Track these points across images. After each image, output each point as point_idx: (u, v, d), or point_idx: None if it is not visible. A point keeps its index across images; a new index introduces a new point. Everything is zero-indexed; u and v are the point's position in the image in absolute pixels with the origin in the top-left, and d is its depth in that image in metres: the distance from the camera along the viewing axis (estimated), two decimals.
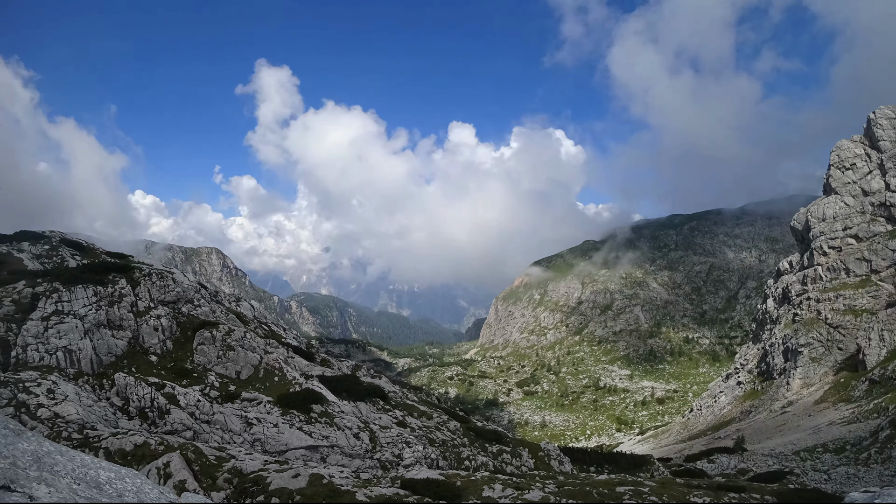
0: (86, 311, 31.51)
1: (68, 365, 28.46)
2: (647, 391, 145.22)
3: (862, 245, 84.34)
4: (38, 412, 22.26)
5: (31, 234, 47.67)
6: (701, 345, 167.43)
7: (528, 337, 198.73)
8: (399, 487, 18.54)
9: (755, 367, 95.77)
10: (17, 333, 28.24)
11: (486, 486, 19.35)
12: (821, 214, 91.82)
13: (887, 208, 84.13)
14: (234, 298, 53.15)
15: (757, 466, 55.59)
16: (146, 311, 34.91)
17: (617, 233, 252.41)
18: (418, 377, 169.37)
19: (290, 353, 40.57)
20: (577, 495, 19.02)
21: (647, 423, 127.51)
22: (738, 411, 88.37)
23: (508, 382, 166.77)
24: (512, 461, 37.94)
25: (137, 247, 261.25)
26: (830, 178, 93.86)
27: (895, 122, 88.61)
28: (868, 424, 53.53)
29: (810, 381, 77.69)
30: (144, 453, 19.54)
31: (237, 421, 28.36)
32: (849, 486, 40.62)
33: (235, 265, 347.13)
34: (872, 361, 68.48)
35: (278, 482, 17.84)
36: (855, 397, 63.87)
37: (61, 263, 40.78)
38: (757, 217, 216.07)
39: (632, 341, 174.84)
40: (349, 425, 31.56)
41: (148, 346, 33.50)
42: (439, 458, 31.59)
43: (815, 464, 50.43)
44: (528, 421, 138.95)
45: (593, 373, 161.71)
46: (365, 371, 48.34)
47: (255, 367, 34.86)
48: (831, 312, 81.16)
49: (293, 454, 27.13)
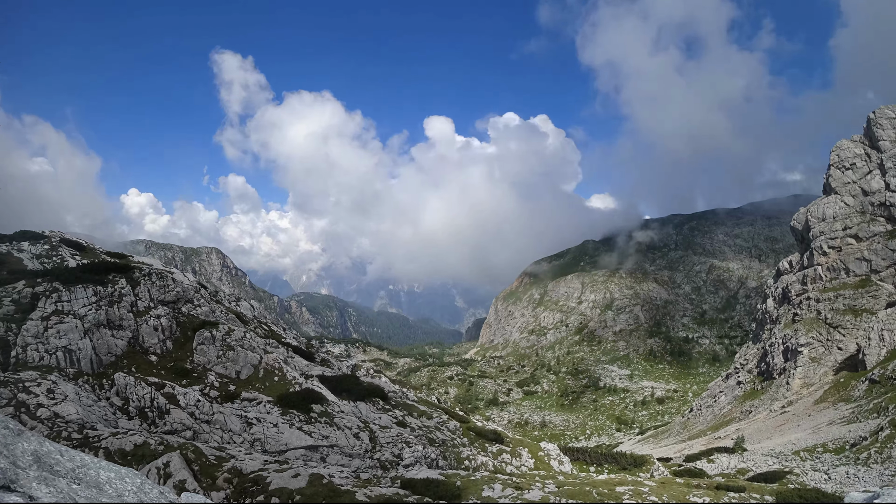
0: (86, 311, 31.50)
1: (68, 365, 28.45)
2: (647, 391, 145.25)
3: (862, 245, 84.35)
4: (38, 412, 22.25)
5: (31, 234, 47.62)
6: (701, 345, 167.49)
7: (528, 337, 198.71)
8: (399, 487, 18.55)
9: (755, 367, 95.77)
10: (17, 333, 28.23)
11: (486, 486, 19.36)
12: (821, 214, 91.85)
13: (887, 208, 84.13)
14: (234, 298, 53.17)
15: (757, 466, 55.62)
16: (146, 310, 34.90)
17: (617, 233, 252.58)
18: (418, 377, 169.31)
19: (290, 352, 40.57)
20: (577, 495, 19.02)
21: (647, 423, 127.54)
22: (738, 411, 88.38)
23: (508, 382, 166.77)
24: (512, 461, 37.94)
25: (137, 247, 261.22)
26: (830, 178, 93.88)
27: (895, 121, 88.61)
28: (868, 424, 53.54)
29: (810, 381, 77.71)
30: (144, 453, 19.54)
31: (237, 421, 28.36)
32: (849, 486, 40.63)
33: (235, 265, 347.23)
34: (872, 361, 68.49)
35: (278, 482, 17.84)
36: (855, 397, 63.88)
37: (61, 263, 40.76)
38: (757, 217, 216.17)
39: (632, 341, 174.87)
40: (349, 425, 31.56)
41: (148, 346, 33.50)
42: (439, 458, 31.58)
43: (815, 464, 50.45)
44: (528, 421, 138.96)
45: (593, 373, 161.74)
46: (365, 371, 48.34)
47: (255, 367, 34.86)
48: (831, 312, 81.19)
49: (293, 454, 27.12)
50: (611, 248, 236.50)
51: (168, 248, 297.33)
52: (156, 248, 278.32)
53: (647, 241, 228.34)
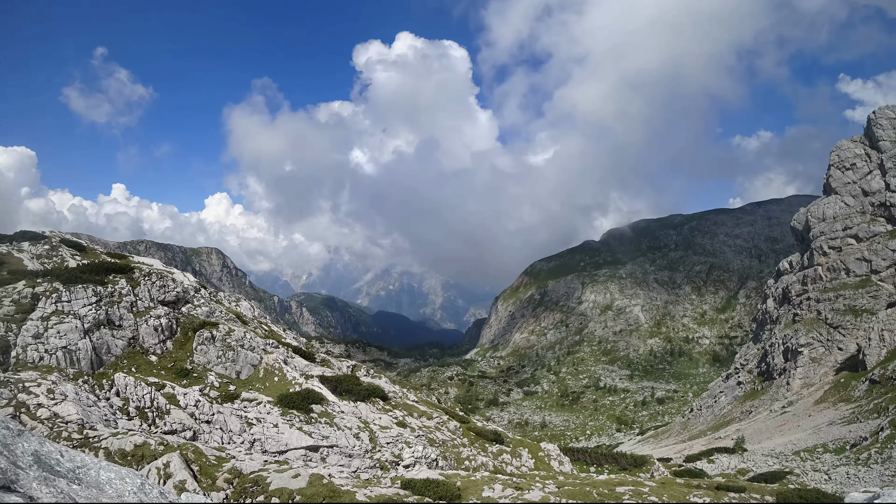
0: (86, 311, 31.49)
1: (68, 365, 28.43)
2: (647, 391, 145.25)
3: (862, 245, 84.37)
4: (38, 412, 22.25)
5: (31, 235, 47.65)
6: (701, 345, 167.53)
7: (528, 337, 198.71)
8: (399, 487, 18.54)
9: (755, 367, 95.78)
10: (16, 333, 28.21)
11: (486, 486, 19.36)
12: (821, 214, 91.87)
13: (887, 208, 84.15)
14: (234, 298, 53.19)
15: (757, 466, 55.66)
16: (146, 311, 34.89)
17: (617, 233, 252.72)
18: (418, 377, 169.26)
19: (290, 353, 40.56)
20: (577, 495, 19.02)
21: (647, 423, 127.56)
22: (738, 411, 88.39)
23: (508, 382, 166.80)
24: (512, 461, 37.93)
25: (137, 247, 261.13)
26: (830, 178, 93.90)
27: (895, 122, 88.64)
28: (868, 424, 53.54)
29: (810, 381, 77.72)
30: (144, 453, 19.54)
31: (237, 421, 28.36)
32: (849, 486, 40.63)
33: (235, 265, 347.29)
34: (872, 361, 68.49)
35: (278, 482, 17.84)
36: (855, 397, 63.88)
37: (61, 263, 40.72)
38: (757, 217, 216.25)
39: (632, 341, 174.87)
40: (349, 425, 31.56)
41: (148, 346, 33.49)
42: (439, 458, 31.56)
43: (815, 464, 50.46)
44: (528, 421, 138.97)
45: (593, 373, 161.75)
46: (365, 371, 48.34)
47: (255, 367, 34.86)
48: (831, 312, 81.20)
49: (293, 454, 27.12)
50: (611, 247, 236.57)
51: (168, 248, 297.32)
52: (156, 248, 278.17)
53: (648, 241, 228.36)
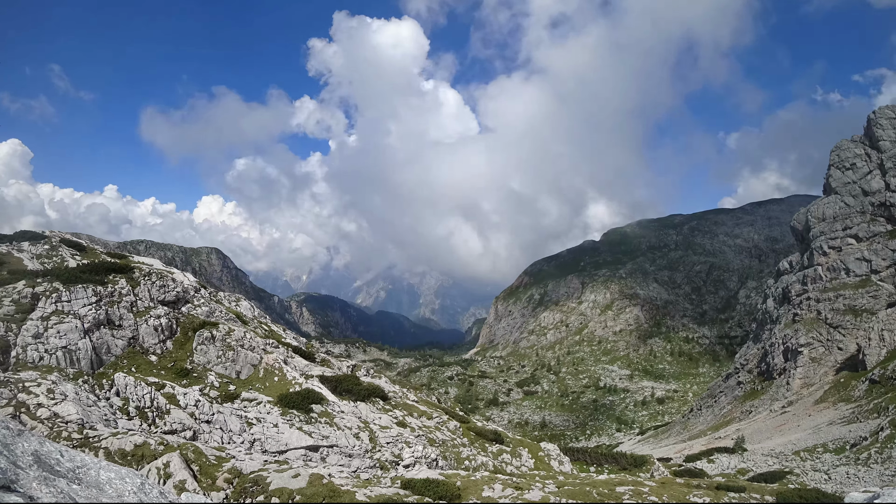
0: (85, 311, 31.48)
1: (68, 365, 28.43)
2: (647, 391, 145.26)
3: (862, 245, 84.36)
4: (38, 412, 22.24)
5: (31, 234, 47.68)
6: (701, 345, 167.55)
7: (528, 337, 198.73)
8: (399, 487, 18.54)
9: (755, 367, 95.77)
10: (16, 333, 28.20)
11: (486, 486, 19.37)
12: (821, 214, 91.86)
13: (887, 208, 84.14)
14: (234, 298, 53.20)
15: (757, 466, 55.68)
16: (146, 310, 34.88)
17: (617, 233, 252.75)
18: (418, 377, 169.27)
19: (290, 352, 40.55)
20: (577, 495, 19.03)
21: (647, 423, 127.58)
22: (738, 411, 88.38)
23: (508, 382, 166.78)
24: (512, 461, 37.94)
25: (137, 247, 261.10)
26: (830, 178, 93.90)
27: (895, 122, 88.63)
28: (868, 424, 53.56)
29: (810, 381, 77.72)
30: (144, 453, 19.54)
31: (237, 421, 28.36)
32: (849, 486, 40.64)
33: (235, 265, 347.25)
34: (872, 361, 68.49)
35: (278, 482, 17.84)
36: (855, 397, 63.89)
37: (61, 263, 40.72)
38: (757, 217, 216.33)
39: (632, 341, 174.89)
40: (349, 425, 31.57)
41: (147, 346, 33.48)
42: (439, 458, 31.56)
43: (815, 464, 50.47)
44: (528, 421, 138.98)
45: (593, 373, 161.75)
46: (365, 371, 48.33)
47: (255, 367, 34.86)
48: (831, 312, 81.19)
49: (293, 454, 27.12)
50: (611, 247, 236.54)
51: (168, 248, 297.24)
52: (155, 248, 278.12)
53: (648, 241, 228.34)
